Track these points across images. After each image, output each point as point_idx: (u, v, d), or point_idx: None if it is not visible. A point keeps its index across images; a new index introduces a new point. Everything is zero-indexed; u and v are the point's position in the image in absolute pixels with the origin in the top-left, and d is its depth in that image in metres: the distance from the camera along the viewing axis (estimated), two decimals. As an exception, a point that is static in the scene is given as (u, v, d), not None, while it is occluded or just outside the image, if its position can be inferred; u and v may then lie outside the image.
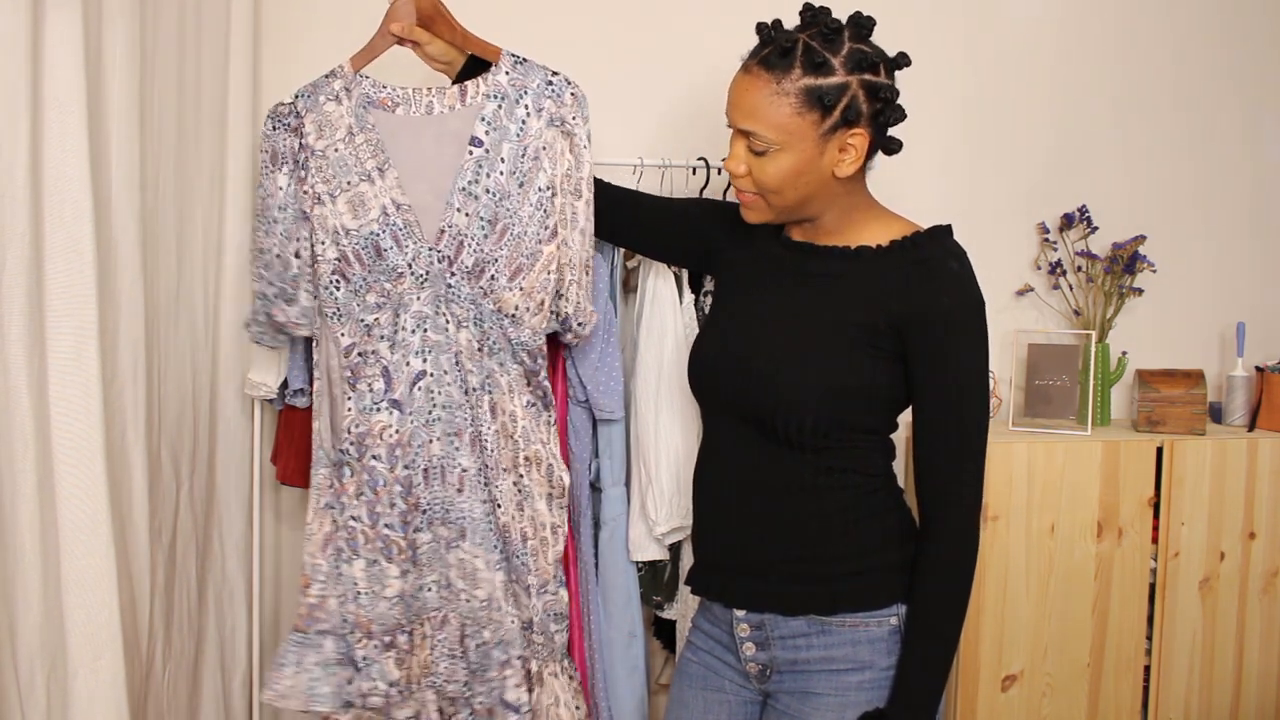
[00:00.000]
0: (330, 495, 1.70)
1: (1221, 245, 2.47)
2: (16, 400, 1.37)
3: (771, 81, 1.35)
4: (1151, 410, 2.27)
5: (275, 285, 1.69)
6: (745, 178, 1.43)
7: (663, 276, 1.91)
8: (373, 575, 1.70)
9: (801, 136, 1.36)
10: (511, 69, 1.67)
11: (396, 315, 1.65)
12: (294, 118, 1.66)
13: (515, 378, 1.69)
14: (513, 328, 1.66)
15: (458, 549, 1.70)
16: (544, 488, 1.72)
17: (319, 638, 1.70)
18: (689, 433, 1.88)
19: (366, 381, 1.66)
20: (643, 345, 1.90)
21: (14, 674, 1.39)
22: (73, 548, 1.45)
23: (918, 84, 1.44)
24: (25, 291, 1.37)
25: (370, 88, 1.66)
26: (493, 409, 1.68)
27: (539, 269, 1.65)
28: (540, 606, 1.73)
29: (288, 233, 1.67)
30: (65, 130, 1.41)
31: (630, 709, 1.92)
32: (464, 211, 1.64)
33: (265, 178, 1.67)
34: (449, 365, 1.66)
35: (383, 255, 1.63)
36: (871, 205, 1.48)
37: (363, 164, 1.64)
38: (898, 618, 1.41)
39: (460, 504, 1.69)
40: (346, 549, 1.70)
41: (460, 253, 1.64)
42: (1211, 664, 2.24)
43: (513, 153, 1.65)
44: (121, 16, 1.55)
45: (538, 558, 1.72)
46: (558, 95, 1.66)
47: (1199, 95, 2.44)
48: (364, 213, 1.64)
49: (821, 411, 1.39)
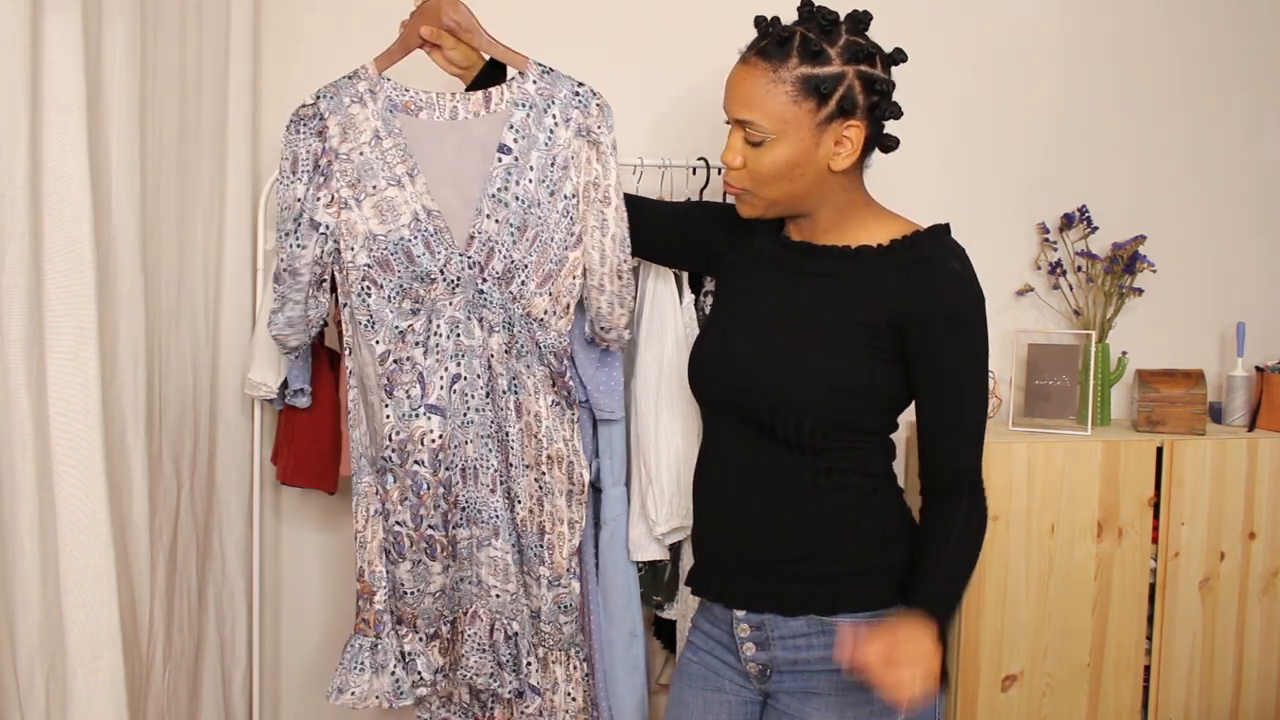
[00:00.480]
0: (377, 502, 1.72)
1: (1221, 245, 2.47)
2: (16, 400, 1.37)
3: (768, 70, 1.37)
4: (1151, 410, 2.27)
5: (288, 297, 1.69)
6: (740, 170, 1.43)
7: (663, 277, 1.91)
8: (418, 575, 1.74)
9: (798, 125, 1.37)
10: (539, 78, 1.66)
11: (430, 321, 1.67)
12: (318, 120, 1.64)
13: (541, 379, 1.71)
14: (540, 331, 1.68)
15: (489, 547, 1.74)
16: (564, 484, 1.74)
17: (388, 640, 1.73)
18: (689, 433, 1.88)
19: (403, 388, 1.67)
20: (643, 345, 1.90)
21: (13, 674, 1.39)
22: (72, 548, 1.45)
23: (917, 84, 1.44)
24: (25, 291, 1.37)
25: (393, 91, 1.65)
26: (518, 408, 1.71)
27: (565, 274, 1.67)
28: (550, 598, 1.77)
29: (300, 241, 1.65)
30: (65, 130, 1.41)
31: (630, 709, 1.92)
32: (494, 218, 1.64)
33: (285, 186, 1.65)
34: (480, 369, 1.69)
35: (414, 261, 1.64)
36: (869, 204, 1.48)
37: (391, 169, 1.63)
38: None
39: (493, 503, 1.73)
40: (393, 552, 1.73)
41: (491, 259, 1.65)
42: (1211, 664, 2.24)
43: (541, 161, 1.65)
44: (121, 16, 1.55)
45: (553, 551, 1.75)
46: (584, 106, 1.66)
47: (1199, 95, 2.44)
48: (393, 218, 1.63)
49: (821, 412, 1.39)
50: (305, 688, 2.26)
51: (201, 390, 1.90)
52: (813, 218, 1.47)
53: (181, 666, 1.85)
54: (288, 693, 2.26)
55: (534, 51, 1.71)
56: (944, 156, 2.35)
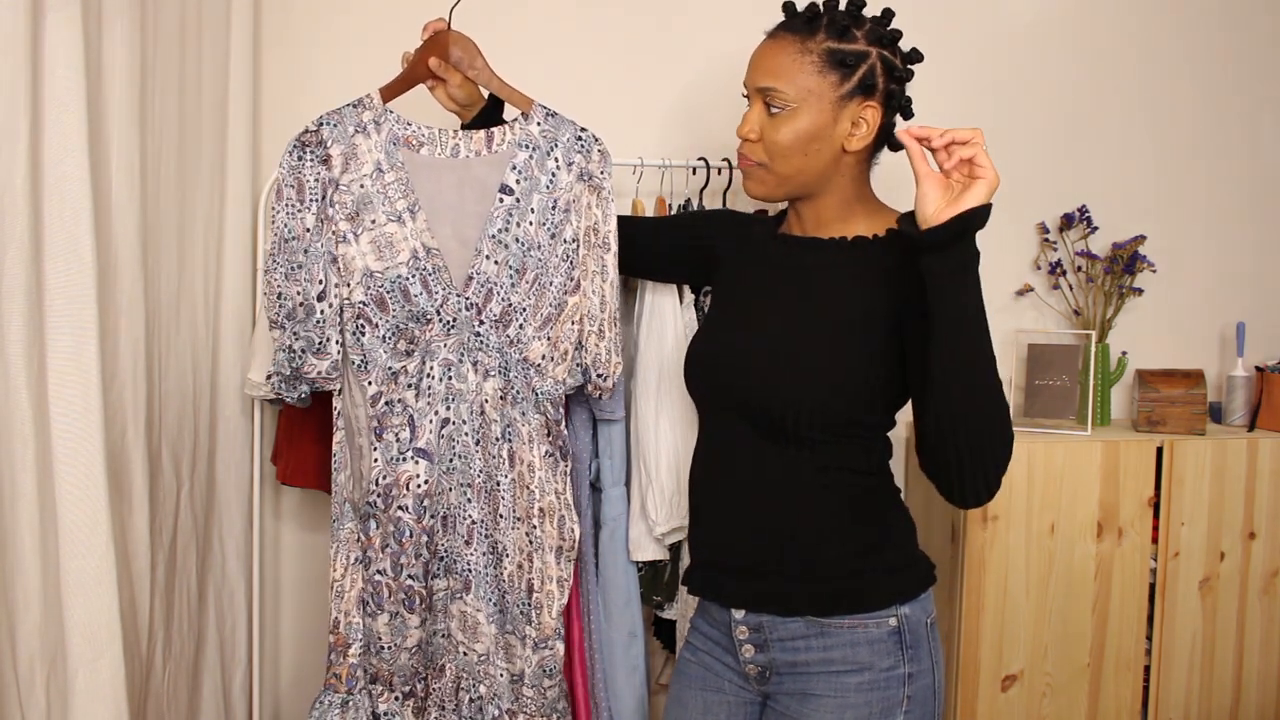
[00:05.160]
0: (358, 549, 1.68)
1: (1221, 245, 2.47)
2: (16, 400, 1.37)
3: (796, 41, 1.41)
4: (1151, 410, 2.27)
5: (303, 336, 1.60)
6: (756, 144, 1.44)
7: (663, 276, 1.91)
8: (395, 628, 1.67)
9: (820, 97, 1.40)
10: (544, 120, 1.64)
11: (424, 362, 1.63)
12: (321, 148, 1.59)
13: (536, 428, 1.66)
14: (537, 377, 1.64)
15: (460, 600, 1.70)
16: (555, 540, 1.68)
17: (360, 697, 1.68)
18: (689, 433, 1.88)
19: (393, 431, 1.63)
20: (643, 345, 1.90)
21: (14, 674, 1.39)
22: (73, 548, 1.45)
23: (917, 83, 1.44)
24: (25, 292, 1.37)
25: (396, 123, 1.62)
26: (511, 458, 1.66)
27: (564, 319, 1.64)
28: (535, 660, 1.69)
29: (310, 275, 1.59)
30: (65, 130, 1.41)
31: (630, 709, 1.92)
32: (493, 259, 1.62)
33: (289, 216, 1.58)
34: (468, 414, 1.65)
35: (411, 300, 1.60)
36: (873, 199, 1.49)
37: (392, 203, 1.60)
38: (897, 619, 1.41)
39: (467, 555, 1.68)
40: (371, 603, 1.67)
41: (489, 301, 1.62)
42: (1211, 664, 2.24)
43: (542, 204, 1.63)
44: (121, 16, 1.55)
45: (542, 611, 1.68)
46: (587, 150, 1.64)
47: (1200, 95, 2.44)
48: (391, 254, 1.60)
49: (819, 406, 1.39)
50: (305, 688, 2.26)
51: (201, 390, 1.90)
52: (816, 205, 1.47)
53: (181, 666, 1.85)
54: (288, 693, 2.26)
55: (535, 51, 1.71)
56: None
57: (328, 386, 1.64)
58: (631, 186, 2.04)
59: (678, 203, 2.04)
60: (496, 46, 1.71)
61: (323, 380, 1.63)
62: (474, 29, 1.71)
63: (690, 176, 2.06)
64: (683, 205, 2.03)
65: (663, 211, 2.06)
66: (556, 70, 2.17)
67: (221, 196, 1.93)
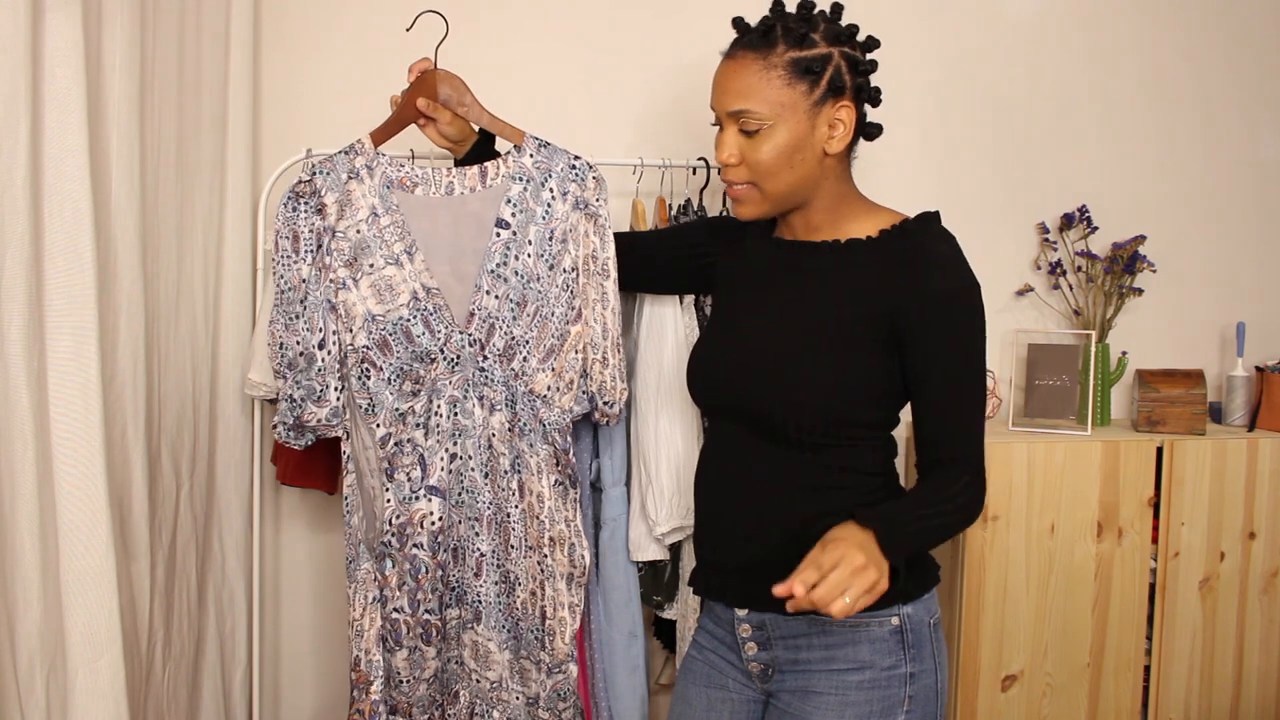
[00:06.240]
0: (375, 589, 1.69)
1: (1221, 245, 2.47)
2: (16, 400, 1.37)
3: (758, 59, 1.39)
4: (1151, 410, 2.27)
5: (303, 386, 1.63)
6: (738, 167, 1.43)
7: (663, 276, 1.91)
8: (414, 661, 1.70)
9: (793, 108, 1.39)
10: (536, 151, 1.65)
11: (430, 401, 1.64)
12: (316, 197, 1.60)
13: (544, 458, 1.67)
14: (544, 408, 1.65)
15: (472, 630, 1.72)
16: (565, 568, 1.70)
17: None
18: (689, 433, 1.88)
19: (404, 471, 1.64)
20: (643, 345, 1.90)
21: (14, 674, 1.39)
22: (72, 547, 1.45)
23: (918, 84, 1.44)
24: (25, 292, 1.36)
25: (389, 166, 1.62)
26: (520, 489, 1.68)
27: (567, 349, 1.65)
28: (550, 685, 1.72)
29: (310, 325, 1.61)
30: (65, 130, 1.41)
31: (630, 709, 1.92)
32: (493, 294, 1.62)
33: (286, 267, 1.60)
34: (474, 449, 1.66)
35: (414, 341, 1.61)
36: (859, 197, 1.49)
37: (389, 247, 1.61)
38: (899, 618, 1.41)
39: (477, 587, 1.70)
40: (390, 640, 1.69)
41: (492, 336, 1.63)
42: (1211, 664, 2.24)
43: (539, 235, 1.63)
44: (121, 16, 1.55)
45: (554, 637, 1.70)
46: (581, 179, 1.64)
47: (1200, 94, 2.44)
48: (391, 297, 1.60)
49: (820, 408, 1.39)
50: (305, 688, 2.26)
51: (201, 390, 1.90)
52: (806, 212, 1.47)
53: (181, 666, 1.85)
54: (288, 693, 2.26)
55: (536, 51, 1.71)
56: (944, 156, 2.35)
57: (330, 434, 1.66)
58: (632, 186, 2.04)
59: (678, 203, 2.04)
60: (493, 46, 1.71)
61: (324, 428, 1.65)
62: (474, 28, 1.71)
63: (690, 176, 2.06)
64: (682, 205, 2.02)
65: (663, 211, 2.06)
66: (557, 70, 2.17)
67: (221, 196, 1.93)
